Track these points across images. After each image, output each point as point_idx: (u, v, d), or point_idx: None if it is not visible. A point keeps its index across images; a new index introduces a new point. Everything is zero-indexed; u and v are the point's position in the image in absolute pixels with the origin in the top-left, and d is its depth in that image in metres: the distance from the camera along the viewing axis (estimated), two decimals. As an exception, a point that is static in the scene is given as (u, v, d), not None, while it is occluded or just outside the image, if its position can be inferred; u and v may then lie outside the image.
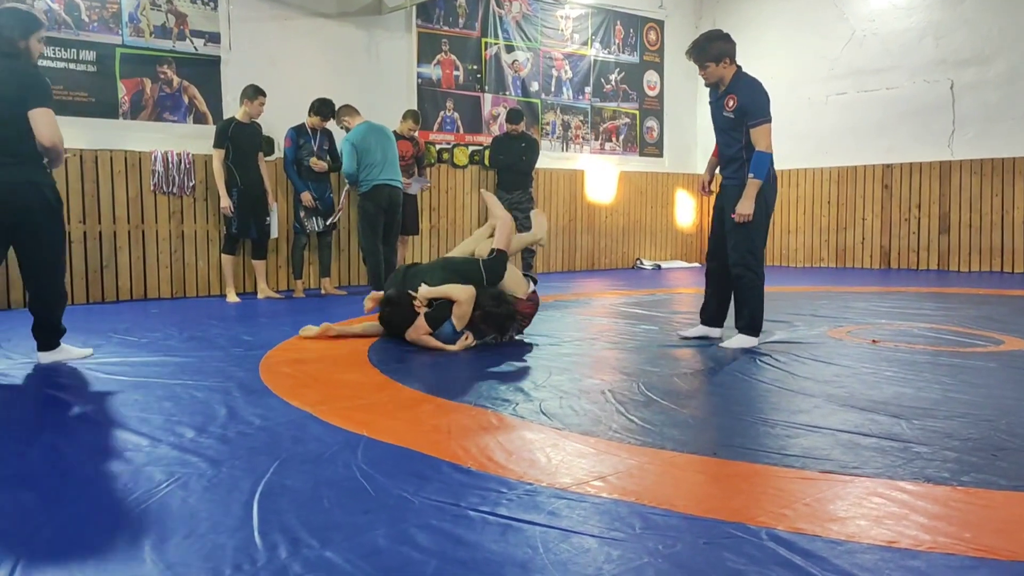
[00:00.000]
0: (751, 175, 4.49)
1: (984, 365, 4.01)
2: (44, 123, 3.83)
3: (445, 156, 9.40)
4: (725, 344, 4.63)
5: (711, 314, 4.89)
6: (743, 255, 4.60)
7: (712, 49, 4.58)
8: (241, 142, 7.06)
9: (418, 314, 4.62)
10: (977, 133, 9.69)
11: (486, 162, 9.69)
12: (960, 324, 5.37)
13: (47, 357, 4.21)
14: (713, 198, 5.03)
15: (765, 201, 4.60)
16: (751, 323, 4.63)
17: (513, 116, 9.02)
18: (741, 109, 4.50)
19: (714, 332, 4.88)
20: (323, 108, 7.42)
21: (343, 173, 7.28)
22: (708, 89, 4.79)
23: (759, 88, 4.57)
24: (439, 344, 4.56)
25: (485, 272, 4.82)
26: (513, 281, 4.93)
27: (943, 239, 10.03)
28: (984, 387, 3.50)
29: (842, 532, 1.93)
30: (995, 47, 9.52)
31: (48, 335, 4.20)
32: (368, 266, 7.42)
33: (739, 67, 4.65)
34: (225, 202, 7.02)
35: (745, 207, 4.49)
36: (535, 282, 5.14)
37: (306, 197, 7.40)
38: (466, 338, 4.59)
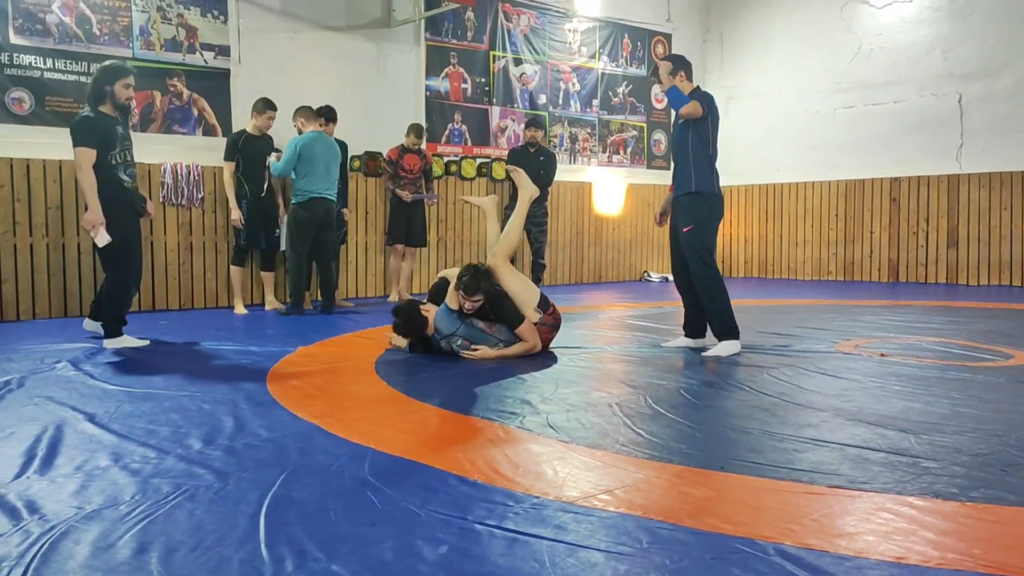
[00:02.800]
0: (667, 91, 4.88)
1: (993, 380, 3.99)
2: (76, 159, 4.89)
3: (453, 168, 9.42)
4: (708, 353, 4.75)
5: (694, 327, 5.09)
6: (698, 266, 4.82)
7: (671, 65, 4.94)
8: (252, 154, 7.10)
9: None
10: (985, 146, 9.67)
11: (494, 174, 9.71)
12: (969, 338, 5.35)
13: (108, 343, 5.05)
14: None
15: (710, 210, 4.86)
16: (725, 328, 4.80)
17: (533, 121, 9.00)
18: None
19: (694, 343, 5.05)
20: (331, 113, 7.41)
21: (273, 170, 6.96)
22: (723, 105, 5.02)
23: (709, 95, 4.91)
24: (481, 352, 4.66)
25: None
26: (521, 296, 4.82)
27: (951, 252, 10.00)
28: (993, 402, 3.49)
29: (850, 548, 1.92)
30: (1003, 60, 9.52)
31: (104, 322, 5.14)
32: (290, 279, 7.01)
33: (697, 87, 4.96)
34: (235, 214, 7.04)
35: (664, 77, 4.86)
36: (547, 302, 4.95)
37: None
38: (473, 351, 4.65)
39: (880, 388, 3.78)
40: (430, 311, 4.80)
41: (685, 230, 4.86)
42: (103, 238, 4.88)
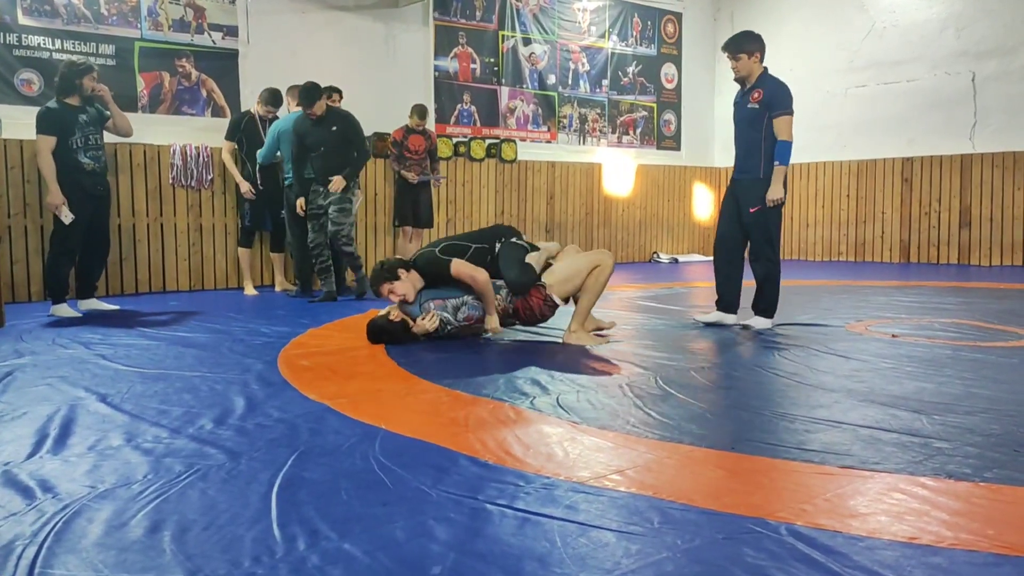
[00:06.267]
0: (777, 162, 4.84)
1: (1006, 360, 3.96)
2: (36, 146, 5.58)
3: (462, 149, 9.39)
4: (747, 323, 5.01)
5: (728, 302, 5.18)
6: (762, 246, 4.98)
7: (748, 43, 5.01)
8: (255, 135, 7.07)
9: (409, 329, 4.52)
10: (999, 126, 9.58)
11: (503, 155, 9.65)
12: (981, 319, 5.31)
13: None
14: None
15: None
16: (768, 308, 5.02)
17: (306, 97, 6.39)
18: (766, 101, 4.87)
19: (729, 319, 5.17)
20: (330, 91, 7.35)
21: (259, 157, 6.92)
22: (735, 86, 5.14)
23: (785, 86, 4.99)
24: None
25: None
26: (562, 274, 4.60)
27: (964, 233, 9.93)
28: (1006, 382, 3.47)
29: (863, 528, 1.91)
30: (1018, 38, 9.40)
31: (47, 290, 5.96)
32: (294, 261, 7.06)
33: (766, 68, 5.03)
34: (244, 186, 6.99)
35: (776, 192, 4.86)
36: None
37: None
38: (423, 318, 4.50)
39: (892, 369, 3.76)
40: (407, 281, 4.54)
41: (752, 210, 4.95)
42: (67, 216, 5.53)
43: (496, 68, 9.71)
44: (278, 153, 6.98)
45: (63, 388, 3.45)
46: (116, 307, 6.06)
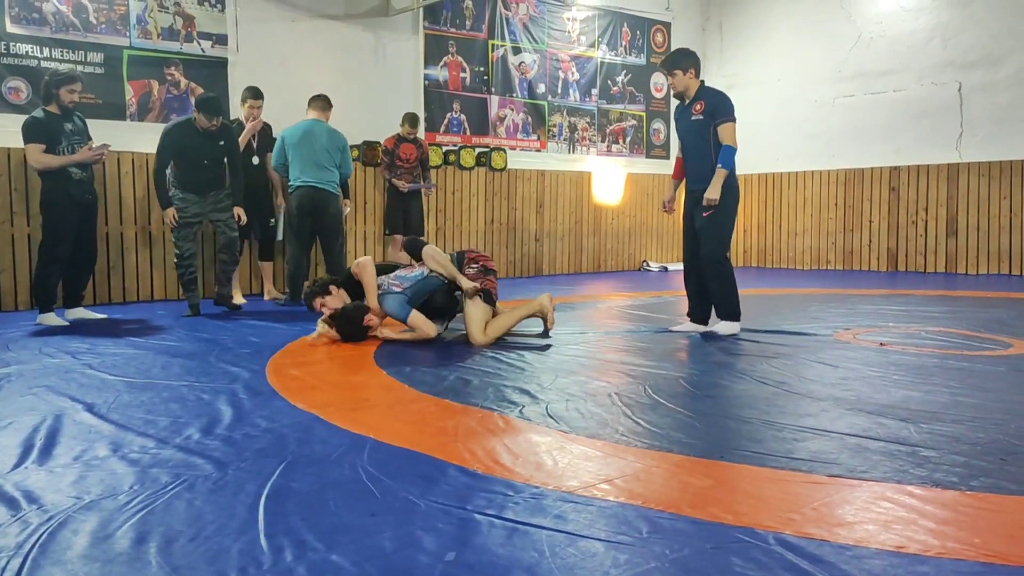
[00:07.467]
0: (719, 165, 4.98)
1: (993, 369, 3.99)
2: (27, 154, 5.61)
3: (452, 158, 9.40)
4: (708, 329, 5.14)
5: (701, 315, 5.32)
6: (714, 249, 5.08)
7: (682, 60, 5.16)
8: (246, 144, 7.05)
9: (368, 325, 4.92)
10: (985, 135, 9.65)
11: (493, 164, 9.66)
12: (968, 327, 5.35)
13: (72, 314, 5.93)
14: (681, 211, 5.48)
15: (733, 198, 5.13)
16: (731, 310, 5.10)
17: (213, 108, 6.10)
18: (709, 111, 5.05)
19: (701, 329, 5.28)
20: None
21: (271, 166, 7.14)
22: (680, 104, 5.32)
23: (724, 95, 5.18)
24: (404, 335, 4.91)
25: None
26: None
27: (951, 242, 9.99)
28: (993, 391, 3.48)
29: (850, 537, 1.92)
30: (1004, 49, 9.49)
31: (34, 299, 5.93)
32: (287, 269, 7.05)
33: (703, 81, 5.25)
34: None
35: (713, 192, 4.99)
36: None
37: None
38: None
39: (879, 377, 3.78)
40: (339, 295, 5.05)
41: (704, 215, 5.05)
42: (102, 146, 5.70)
43: (486, 77, 9.73)
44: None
45: (49, 398, 3.43)
46: (103, 316, 6.02)
